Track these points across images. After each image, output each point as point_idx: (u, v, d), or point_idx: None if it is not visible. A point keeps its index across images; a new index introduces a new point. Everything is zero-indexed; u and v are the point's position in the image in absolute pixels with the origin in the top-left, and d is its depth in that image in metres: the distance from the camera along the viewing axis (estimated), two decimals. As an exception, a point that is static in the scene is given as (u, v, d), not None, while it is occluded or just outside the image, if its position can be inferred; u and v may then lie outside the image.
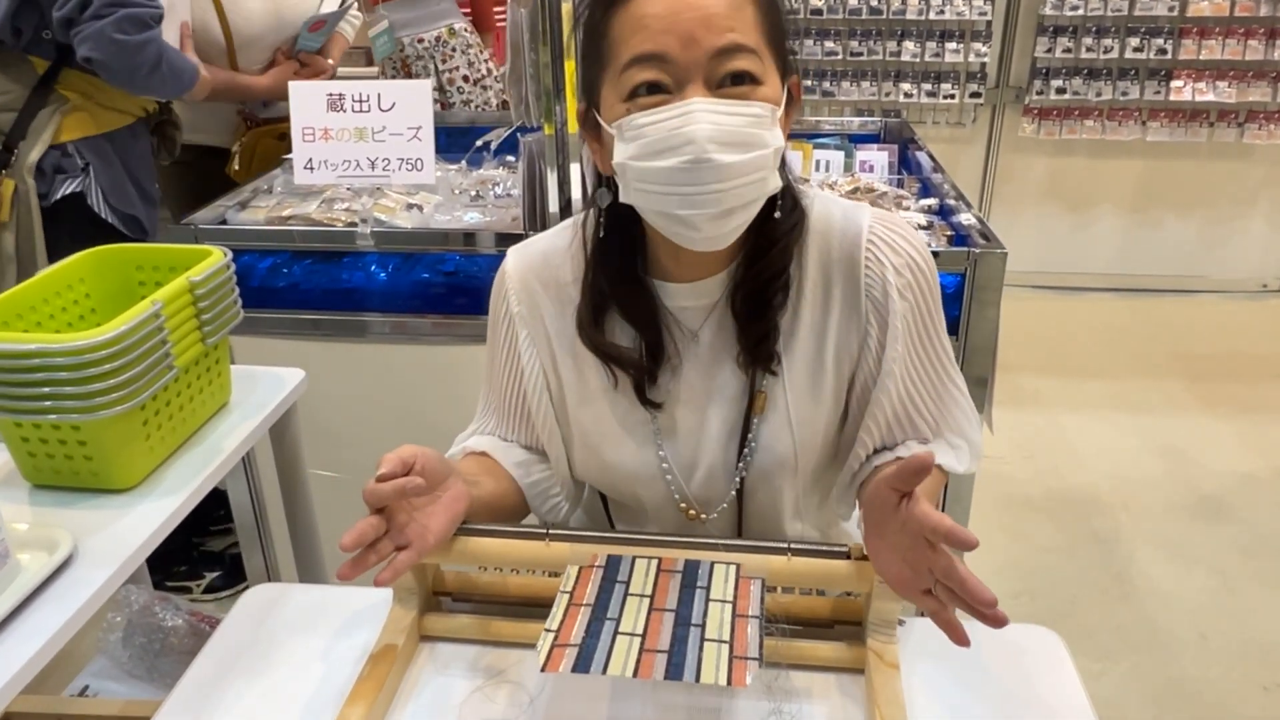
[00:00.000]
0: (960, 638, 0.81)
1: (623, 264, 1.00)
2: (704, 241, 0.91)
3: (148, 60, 1.85)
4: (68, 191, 1.92)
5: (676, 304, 1.01)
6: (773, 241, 0.96)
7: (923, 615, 1.63)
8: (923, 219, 1.80)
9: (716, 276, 1.00)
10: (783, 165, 0.94)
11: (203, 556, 2.37)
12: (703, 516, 1.07)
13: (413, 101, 1.78)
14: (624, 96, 0.88)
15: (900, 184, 2.06)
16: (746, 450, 1.02)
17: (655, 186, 0.88)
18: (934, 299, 1.01)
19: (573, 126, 1.65)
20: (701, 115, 0.84)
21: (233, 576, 2.33)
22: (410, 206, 1.86)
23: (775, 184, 0.91)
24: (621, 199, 0.93)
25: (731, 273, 0.99)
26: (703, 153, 0.84)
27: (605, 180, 0.97)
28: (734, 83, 0.87)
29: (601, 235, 0.99)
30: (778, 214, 0.94)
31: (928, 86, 3.85)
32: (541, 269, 1.05)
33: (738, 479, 1.04)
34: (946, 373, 1.04)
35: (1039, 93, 3.82)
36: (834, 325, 1.00)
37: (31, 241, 1.89)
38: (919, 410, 1.02)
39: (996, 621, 0.76)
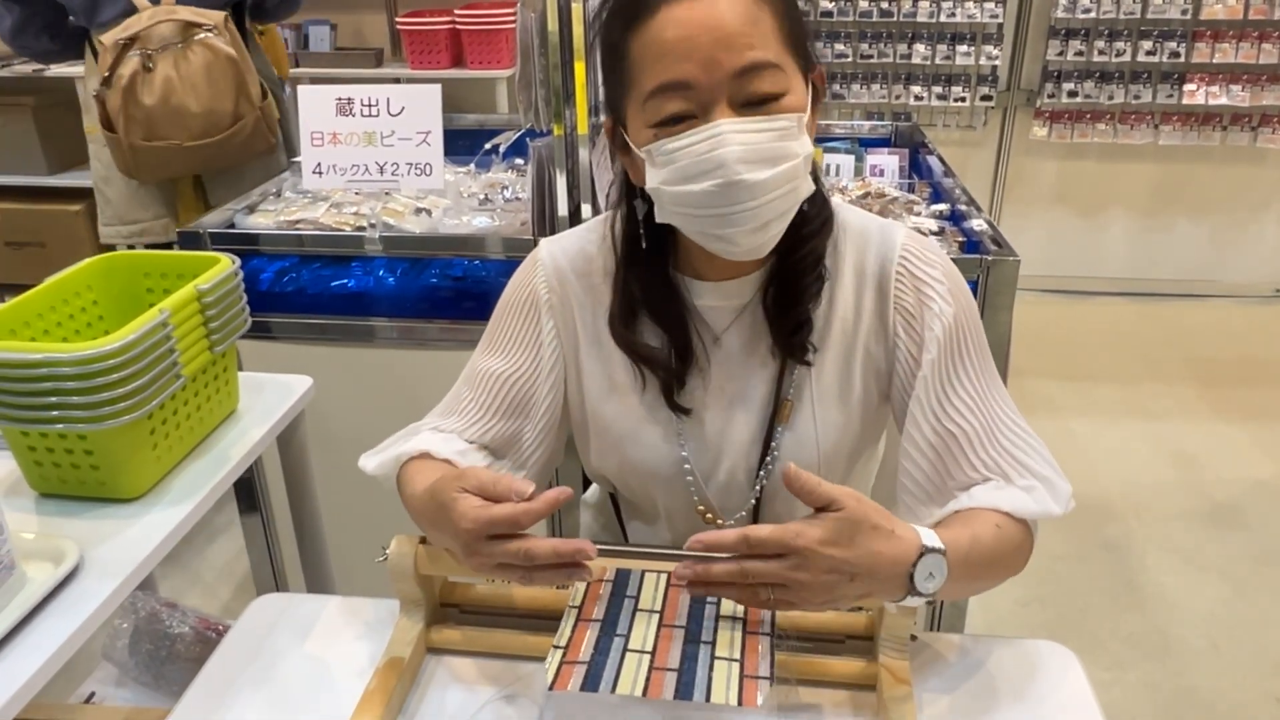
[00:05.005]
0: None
1: (654, 265, 1.00)
2: (743, 253, 0.92)
3: None
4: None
5: (705, 303, 1.02)
6: (803, 239, 0.97)
7: (935, 630, 1.62)
8: (934, 224, 1.79)
9: (748, 277, 1.00)
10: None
11: None
12: (719, 522, 1.06)
13: (422, 106, 1.77)
14: (650, 123, 0.89)
15: (911, 189, 2.05)
16: (769, 458, 1.01)
17: (691, 209, 0.90)
18: (971, 319, 0.97)
19: (582, 129, 1.64)
20: (729, 137, 0.85)
21: None
22: (419, 211, 1.86)
23: (808, 189, 0.92)
24: (658, 219, 0.94)
25: (763, 273, 1.00)
26: (734, 174, 0.86)
27: (640, 191, 0.97)
28: (759, 100, 0.87)
29: (644, 246, 0.99)
30: (806, 207, 0.94)
31: (938, 89, 3.83)
32: (576, 258, 1.06)
33: (758, 486, 1.03)
34: (992, 394, 0.97)
35: (1050, 96, 3.80)
36: (862, 336, 1.00)
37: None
38: (961, 426, 0.95)
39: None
